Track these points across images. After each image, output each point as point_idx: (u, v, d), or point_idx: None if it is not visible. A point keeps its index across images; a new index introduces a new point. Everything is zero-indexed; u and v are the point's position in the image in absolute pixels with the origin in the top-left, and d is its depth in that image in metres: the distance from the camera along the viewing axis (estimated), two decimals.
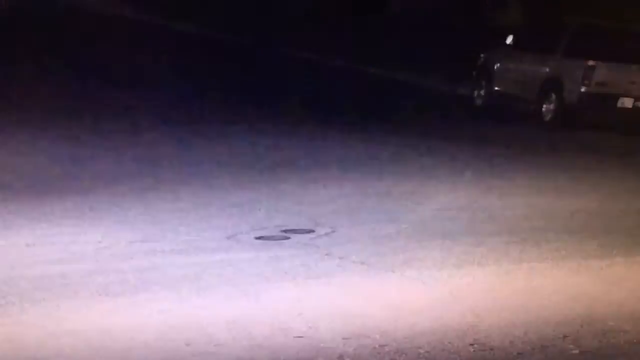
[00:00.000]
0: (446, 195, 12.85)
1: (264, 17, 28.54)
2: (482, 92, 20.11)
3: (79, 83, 20.35)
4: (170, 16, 29.59)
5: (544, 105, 18.56)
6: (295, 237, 10.69)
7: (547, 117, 18.54)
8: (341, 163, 14.72)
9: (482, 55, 20.34)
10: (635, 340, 8.01)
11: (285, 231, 10.92)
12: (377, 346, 7.73)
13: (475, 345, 7.75)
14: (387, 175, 13.99)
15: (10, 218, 11.33)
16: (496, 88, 19.76)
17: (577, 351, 7.76)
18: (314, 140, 16.56)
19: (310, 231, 10.95)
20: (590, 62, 17.99)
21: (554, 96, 18.42)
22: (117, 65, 22.41)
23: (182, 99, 19.81)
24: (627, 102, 18.25)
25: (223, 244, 10.44)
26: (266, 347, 7.66)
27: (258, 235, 10.75)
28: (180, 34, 28.32)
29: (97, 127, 16.44)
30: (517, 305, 8.71)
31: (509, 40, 19.95)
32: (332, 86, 22.96)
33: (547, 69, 18.65)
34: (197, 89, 20.70)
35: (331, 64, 25.42)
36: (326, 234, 10.84)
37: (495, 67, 19.89)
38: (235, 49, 26.57)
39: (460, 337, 7.92)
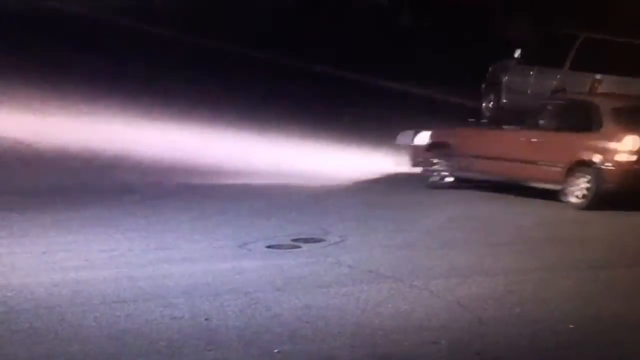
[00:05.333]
0: (454, 206, 12.94)
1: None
2: (490, 105, 20.19)
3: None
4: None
5: None
6: (305, 246, 10.80)
7: None
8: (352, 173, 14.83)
9: (490, 68, 20.42)
10: None
11: (295, 240, 11.04)
12: (385, 354, 7.82)
13: (482, 355, 7.83)
14: (396, 185, 14.08)
15: (26, 226, 11.47)
16: (504, 101, 19.85)
17: None
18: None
19: (320, 240, 11.06)
20: (597, 76, 18.08)
21: None
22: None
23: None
24: None
25: (234, 253, 10.56)
26: (276, 355, 7.75)
27: (269, 244, 10.87)
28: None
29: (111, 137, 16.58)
30: (524, 315, 8.78)
31: (517, 53, 20.04)
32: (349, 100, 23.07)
33: (554, 82, 18.73)
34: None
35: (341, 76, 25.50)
36: (336, 243, 10.94)
37: (504, 80, 19.97)
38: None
39: (467, 347, 8.00)
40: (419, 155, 15.17)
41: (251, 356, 7.71)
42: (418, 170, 15.32)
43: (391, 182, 14.59)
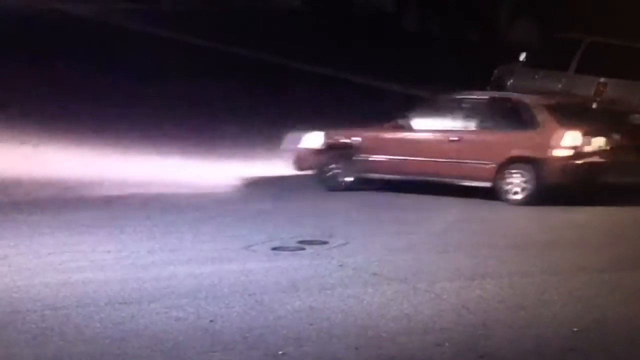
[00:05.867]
0: (458, 208, 12.96)
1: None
2: None
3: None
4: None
5: None
6: (310, 248, 10.84)
7: None
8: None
9: (495, 71, 20.45)
10: None
11: (300, 242, 11.07)
12: (389, 357, 7.84)
13: (486, 357, 7.85)
14: (400, 187, 14.11)
15: (32, 227, 11.51)
16: None
17: None
18: None
19: (325, 242, 11.09)
20: (602, 79, 18.11)
21: None
22: None
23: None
24: (638, 119, 18.35)
25: (239, 254, 10.59)
26: (280, 357, 7.79)
27: (273, 246, 10.91)
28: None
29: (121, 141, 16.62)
30: (528, 318, 8.80)
31: (522, 57, 20.08)
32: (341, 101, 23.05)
33: (560, 86, 18.76)
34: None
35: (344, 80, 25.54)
36: (340, 246, 10.98)
37: (509, 84, 20.00)
38: None
39: (472, 349, 8.02)
40: (309, 158, 14.63)
41: (256, 358, 7.74)
42: (309, 172, 14.75)
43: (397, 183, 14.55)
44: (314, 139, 14.75)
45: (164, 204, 12.91)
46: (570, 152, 13.54)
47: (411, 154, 14.24)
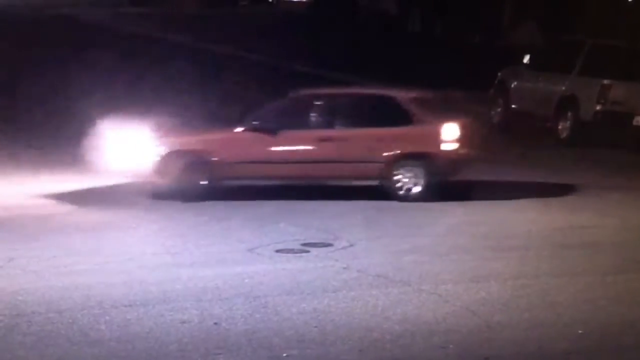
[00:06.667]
0: (462, 210, 12.97)
1: None
2: (499, 110, 20.24)
3: None
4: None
5: (560, 123, 18.67)
6: (314, 251, 10.85)
7: (563, 135, 18.64)
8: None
9: (499, 73, 20.48)
10: None
11: (304, 245, 11.09)
12: (393, 359, 7.86)
13: (490, 359, 7.88)
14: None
15: (38, 230, 11.54)
16: (513, 106, 19.89)
17: None
18: None
19: (329, 245, 11.11)
20: (606, 81, 18.11)
21: (569, 114, 18.54)
22: None
23: None
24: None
25: (244, 257, 10.62)
26: (285, 359, 7.81)
27: (278, 248, 10.93)
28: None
29: None
30: (532, 319, 8.81)
31: (526, 59, 20.09)
32: None
33: (563, 88, 18.77)
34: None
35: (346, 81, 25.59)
36: (344, 248, 11.00)
37: (512, 86, 20.01)
38: None
39: (476, 351, 8.04)
40: (163, 166, 13.17)
41: (261, 359, 7.77)
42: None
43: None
44: (158, 148, 13.27)
45: None
46: (455, 145, 13.50)
47: (279, 157, 13.38)
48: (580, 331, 8.56)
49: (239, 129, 13.56)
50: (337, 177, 13.54)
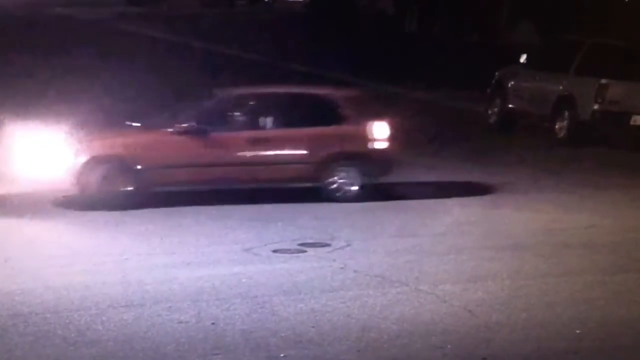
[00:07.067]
0: (460, 210, 12.96)
1: None
2: (496, 110, 20.24)
3: None
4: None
5: (557, 123, 18.67)
6: (311, 251, 10.84)
7: (560, 134, 18.65)
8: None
9: (496, 73, 20.48)
10: None
11: (301, 245, 11.08)
12: (390, 359, 7.85)
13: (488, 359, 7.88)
14: (402, 189, 14.12)
15: (35, 231, 11.52)
16: (510, 105, 19.89)
17: None
18: None
19: (326, 245, 11.09)
20: (603, 81, 18.12)
21: (567, 113, 18.54)
22: None
23: None
24: (639, 120, 18.37)
25: (241, 257, 10.60)
26: (282, 359, 7.79)
27: (275, 248, 10.92)
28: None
29: None
30: (530, 319, 8.81)
31: (523, 58, 20.09)
32: None
33: (561, 87, 18.76)
34: None
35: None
36: (342, 248, 10.98)
37: (509, 85, 20.01)
38: None
39: (473, 351, 8.04)
40: (80, 174, 12.40)
41: (258, 359, 7.76)
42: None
43: (397, 186, 14.54)
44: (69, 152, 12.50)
45: None
46: (387, 144, 13.36)
47: (209, 160, 12.76)
48: (578, 331, 8.56)
49: (166, 131, 12.81)
50: (271, 180, 13.11)
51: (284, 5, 39.29)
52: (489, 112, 20.39)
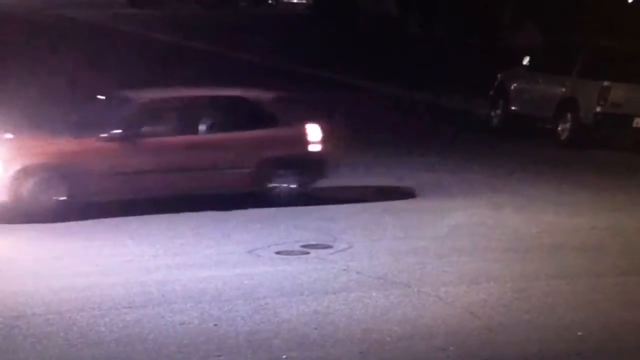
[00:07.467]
0: (463, 212, 12.96)
1: None
2: (498, 112, 20.24)
3: None
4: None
5: (560, 125, 18.67)
6: (313, 253, 10.85)
7: (563, 137, 18.65)
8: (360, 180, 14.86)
9: (499, 75, 20.49)
10: None
11: (304, 246, 11.08)
12: None
13: None
14: (404, 192, 14.12)
15: (38, 232, 11.52)
16: (513, 108, 19.89)
17: None
18: None
19: (329, 247, 11.10)
20: (606, 83, 18.11)
21: (569, 116, 18.54)
22: None
23: None
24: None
25: (243, 259, 10.61)
26: None
27: (277, 250, 10.92)
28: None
29: None
30: (532, 321, 8.81)
31: (526, 61, 20.10)
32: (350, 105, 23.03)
33: (563, 90, 18.77)
34: None
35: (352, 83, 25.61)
36: (344, 250, 10.99)
37: (512, 88, 20.01)
38: None
39: (476, 353, 8.04)
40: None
41: None
42: None
43: (400, 188, 14.52)
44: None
45: None
46: (322, 146, 13.07)
47: (139, 168, 12.21)
48: (580, 333, 8.56)
49: (94, 139, 12.22)
50: (207, 187, 12.60)
51: (286, 6, 39.32)
52: (492, 114, 20.40)
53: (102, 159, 12.21)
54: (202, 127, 12.93)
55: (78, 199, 12.16)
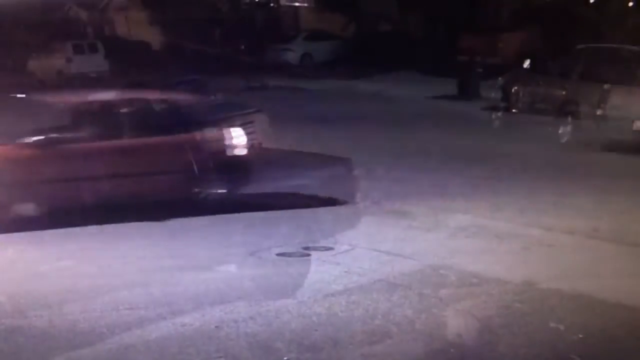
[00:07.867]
0: (464, 214, 12.98)
1: None
2: (499, 114, 20.30)
3: None
4: None
5: (561, 128, 18.73)
6: (315, 254, 10.86)
7: (564, 139, 18.70)
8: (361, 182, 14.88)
9: (499, 78, 20.56)
10: None
11: (305, 248, 11.09)
12: None
13: None
14: (406, 194, 14.14)
15: (40, 233, 11.54)
16: (514, 110, 19.96)
17: None
18: None
19: (330, 248, 11.11)
20: (606, 86, 18.16)
21: (570, 118, 18.60)
22: None
23: None
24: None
25: (245, 260, 10.63)
26: None
27: (279, 252, 10.94)
28: None
29: None
30: (534, 323, 8.82)
31: (527, 64, 20.15)
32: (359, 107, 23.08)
33: (564, 92, 18.82)
34: None
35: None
36: (345, 252, 11.00)
37: (513, 90, 20.07)
38: None
39: (477, 356, 8.05)
40: None
41: None
42: None
43: (402, 190, 14.55)
44: None
45: None
46: (246, 149, 12.83)
47: (60, 176, 11.68)
48: (581, 335, 8.57)
49: (14, 145, 11.59)
50: (135, 194, 12.08)
51: (287, 9, 39.35)
52: (493, 116, 20.46)
53: (18, 168, 11.55)
54: (122, 132, 12.35)
55: (3, 210, 11.42)
